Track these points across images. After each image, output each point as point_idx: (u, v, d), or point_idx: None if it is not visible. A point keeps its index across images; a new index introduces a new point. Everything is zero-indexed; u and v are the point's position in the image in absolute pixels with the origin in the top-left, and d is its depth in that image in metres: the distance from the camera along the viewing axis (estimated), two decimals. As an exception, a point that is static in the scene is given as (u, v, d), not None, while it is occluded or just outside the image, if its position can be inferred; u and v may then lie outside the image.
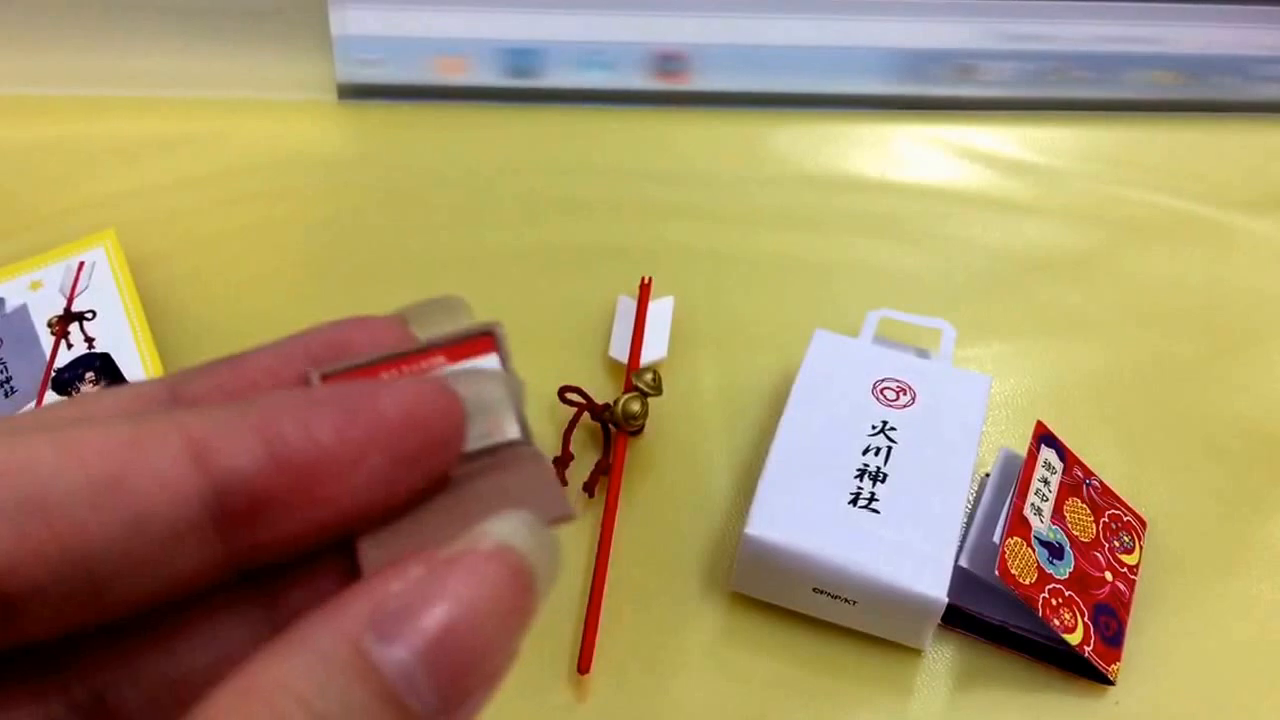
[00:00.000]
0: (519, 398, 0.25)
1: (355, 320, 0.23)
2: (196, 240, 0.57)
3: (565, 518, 0.23)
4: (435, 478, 0.23)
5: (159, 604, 0.21)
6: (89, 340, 0.48)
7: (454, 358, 0.25)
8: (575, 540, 0.45)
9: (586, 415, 0.48)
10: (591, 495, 0.47)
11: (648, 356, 0.51)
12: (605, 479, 0.47)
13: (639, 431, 0.48)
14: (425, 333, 0.25)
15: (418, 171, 0.62)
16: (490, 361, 0.26)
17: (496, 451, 0.25)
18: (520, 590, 0.20)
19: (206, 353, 0.52)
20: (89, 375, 0.47)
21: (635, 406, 0.47)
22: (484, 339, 0.26)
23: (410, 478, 0.22)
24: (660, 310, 0.53)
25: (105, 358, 0.47)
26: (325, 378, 0.23)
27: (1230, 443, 0.51)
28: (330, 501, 0.21)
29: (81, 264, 0.51)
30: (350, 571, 0.22)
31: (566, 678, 0.42)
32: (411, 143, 0.64)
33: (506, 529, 0.21)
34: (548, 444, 0.48)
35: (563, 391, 0.48)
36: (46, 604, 0.20)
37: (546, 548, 0.21)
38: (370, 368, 0.24)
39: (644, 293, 0.53)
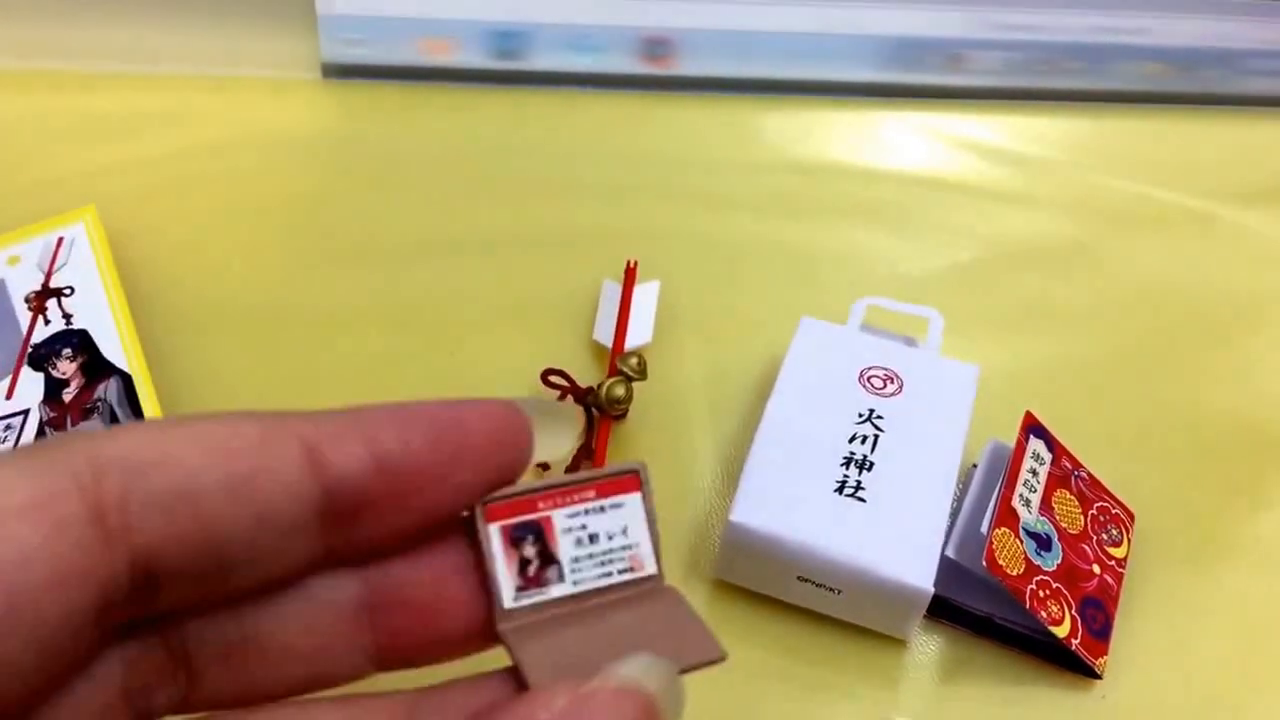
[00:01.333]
0: (657, 536, 0.29)
1: (470, 402, 0.26)
2: (177, 217, 0.56)
3: (716, 659, 0.27)
4: (501, 484, 0.26)
5: (268, 587, 0.24)
6: (67, 316, 0.47)
7: (602, 492, 0.28)
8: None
9: (570, 399, 0.47)
10: None
11: (632, 341, 0.50)
12: (588, 464, 0.46)
13: (622, 416, 0.48)
14: (538, 428, 0.27)
15: (402, 152, 0.61)
16: (634, 498, 0.29)
17: (638, 584, 0.28)
18: None
19: (185, 330, 0.51)
20: (66, 351, 0.46)
21: (620, 391, 0.46)
22: (631, 476, 0.29)
23: (484, 485, 0.26)
24: (645, 294, 0.52)
25: (83, 334, 0.47)
26: (487, 504, 0.26)
27: (1218, 436, 0.50)
28: (421, 506, 0.25)
29: (61, 240, 0.50)
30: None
31: (547, 665, 0.41)
32: (396, 123, 0.63)
33: (638, 668, 0.24)
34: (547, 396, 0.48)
35: (545, 375, 0.48)
36: (184, 583, 0.22)
37: (673, 686, 0.24)
38: (529, 497, 0.27)
39: (629, 276, 0.53)
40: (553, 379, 0.47)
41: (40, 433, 0.43)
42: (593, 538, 0.28)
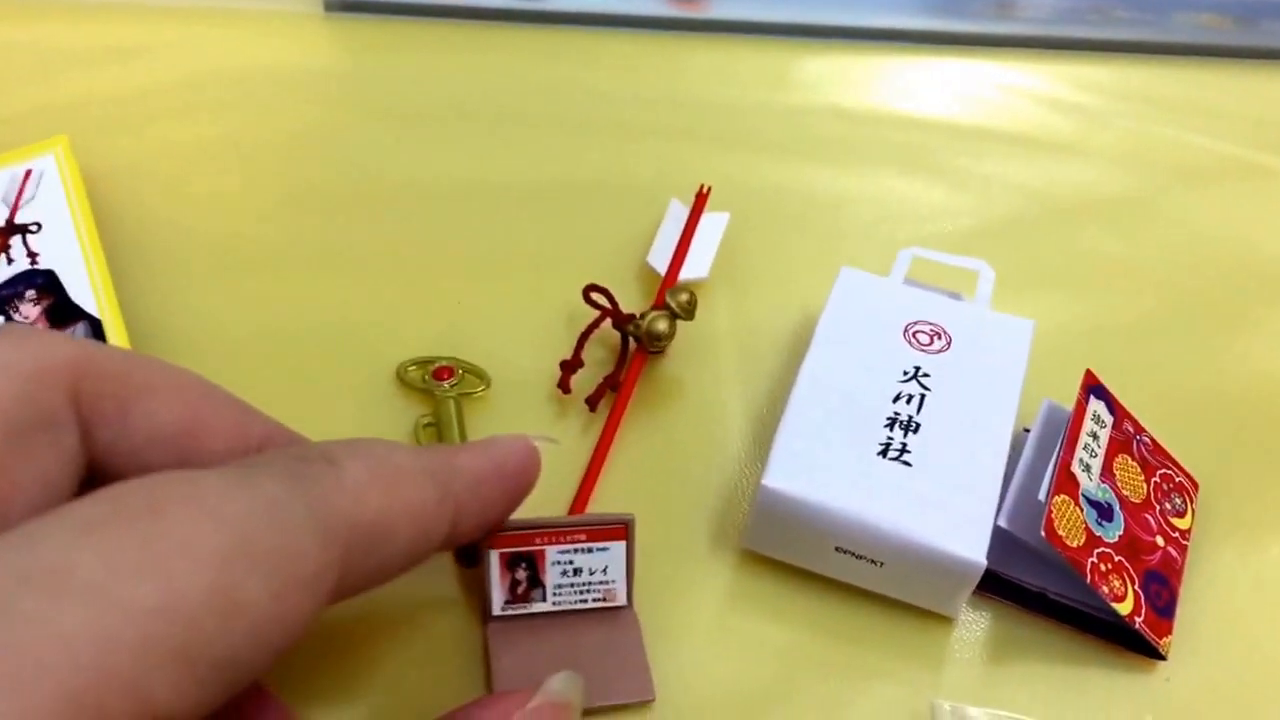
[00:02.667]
0: (632, 576, 0.35)
1: (521, 446, 0.32)
2: (161, 153, 0.53)
3: (647, 700, 0.34)
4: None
5: None
6: (32, 256, 0.44)
7: (593, 537, 0.35)
8: (572, 464, 0.42)
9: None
10: (593, 410, 0.43)
11: (689, 273, 0.47)
12: (611, 395, 0.43)
13: (659, 353, 0.44)
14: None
15: (407, 91, 0.58)
16: (619, 545, 0.35)
17: (610, 610, 0.35)
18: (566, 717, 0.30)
19: (162, 273, 0.48)
20: (30, 293, 0.43)
21: (662, 325, 0.43)
22: (620, 528, 0.35)
23: (509, 514, 0.33)
24: (712, 224, 0.49)
25: (49, 275, 0.43)
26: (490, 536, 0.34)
27: (1284, 400, 0.47)
28: (461, 542, 0.32)
29: (29, 172, 0.46)
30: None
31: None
32: (402, 61, 0.60)
33: (561, 684, 0.30)
34: (560, 351, 0.44)
35: (588, 291, 0.44)
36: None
37: (582, 690, 0.31)
38: (528, 533, 0.34)
39: (699, 202, 0.49)
40: (595, 296, 0.44)
41: None
42: (576, 571, 0.35)
